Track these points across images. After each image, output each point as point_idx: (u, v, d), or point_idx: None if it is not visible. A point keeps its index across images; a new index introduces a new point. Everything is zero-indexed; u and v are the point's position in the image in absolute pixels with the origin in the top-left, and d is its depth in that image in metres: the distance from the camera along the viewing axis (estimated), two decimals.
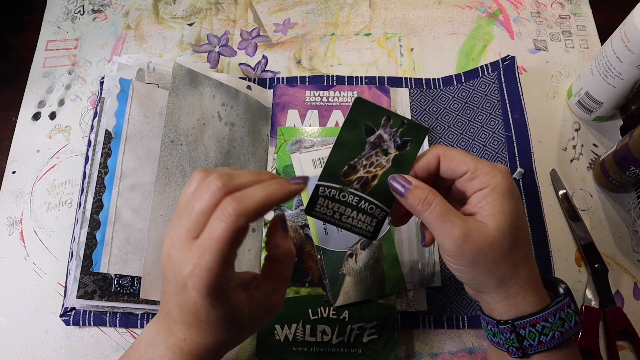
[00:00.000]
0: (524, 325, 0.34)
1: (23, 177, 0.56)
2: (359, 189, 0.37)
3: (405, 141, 0.35)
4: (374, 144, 0.35)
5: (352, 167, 0.36)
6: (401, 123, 0.35)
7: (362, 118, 0.35)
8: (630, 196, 0.54)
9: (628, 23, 0.47)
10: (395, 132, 0.35)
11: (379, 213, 0.37)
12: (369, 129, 0.35)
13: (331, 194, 0.37)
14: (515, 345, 0.35)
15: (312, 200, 0.37)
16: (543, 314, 0.34)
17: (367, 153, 0.36)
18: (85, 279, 0.45)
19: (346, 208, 0.37)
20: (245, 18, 0.65)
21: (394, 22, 0.64)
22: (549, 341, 0.34)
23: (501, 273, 0.34)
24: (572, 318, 0.35)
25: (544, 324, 0.34)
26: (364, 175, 0.36)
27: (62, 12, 0.66)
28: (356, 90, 0.57)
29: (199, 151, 0.50)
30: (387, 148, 0.36)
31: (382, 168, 0.36)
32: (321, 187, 0.36)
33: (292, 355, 0.47)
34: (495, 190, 0.34)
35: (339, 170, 0.36)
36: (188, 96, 0.51)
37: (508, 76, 0.56)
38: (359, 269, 0.48)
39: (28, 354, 0.49)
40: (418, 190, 0.34)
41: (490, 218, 0.33)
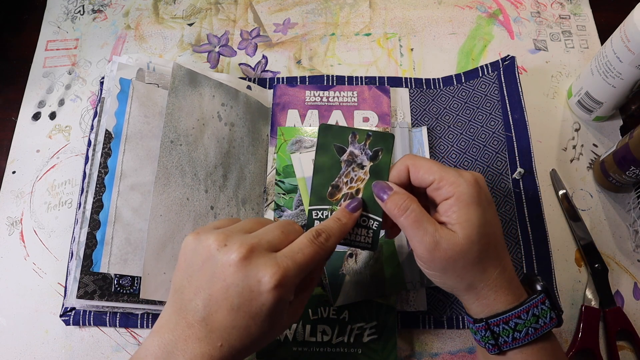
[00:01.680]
0: (496, 322, 0.36)
1: (23, 177, 0.56)
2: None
3: (376, 151, 0.38)
4: (348, 161, 0.38)
5: (335, 186, 0.39)
6: (367, 136, 0.38)
7: (331, 141, 0.38)
8: (630, 196, 0.54)
9: (628, 23, 0.47)
10: (364, 146, 0.38)
11: (373, 223, 0.39)
12: (339, 149, 0.38)
13: (324, 215, 0.39)
14: (491, 342, 0.36)
15: (309, 225, 0.39)
16: (515, 311, 0.35)
17: (344, 171, 0.38)
18: (85, 279, 0.45)
19: None
20: (245, 18, 0.65)
21: (394, 22, 0.64)
22: (522, 337, 0.35)
23: (470, 278, 0.36)
24: (547, 314, 0.35)
25: (516, 320, 0.35)
26: (348, 192, 0.38)
27: (62, 12, 0.66)
28: (356, 90, 0.57)
29: (199, 151, 0.50)
30: (361, 162, 0.38)
31: (362, 181, 0.38)
32: (313, 211, 0.39)
33: (292, 355, 0.47)
34: (460, 199, 0.35)
35: (324, 192, 0.39)
36: (188, 96, 0.51)
37: (508, 76, 0.56)
38: (359, 269, 0.48)
39: (28, 354, 0.49)
40: (397, 196, 0.36)
41: (458, 227, 0.35)
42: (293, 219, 0.51)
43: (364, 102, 0.56)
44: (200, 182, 0.50)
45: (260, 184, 0.54)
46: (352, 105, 0.56)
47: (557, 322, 0.36)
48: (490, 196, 0.37)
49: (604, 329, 0.48)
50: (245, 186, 0.52)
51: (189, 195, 0.49)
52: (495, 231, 0.36)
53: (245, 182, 0.53)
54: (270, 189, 0.53)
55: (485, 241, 0.35)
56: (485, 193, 0.36)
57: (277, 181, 0.52)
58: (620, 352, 0.47)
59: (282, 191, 0.52)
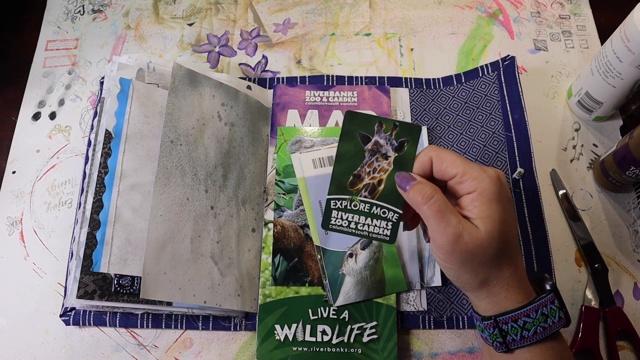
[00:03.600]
0: (505, 320, 0.36)
1: (23, 177, 0.56)
2: (368, 195, 0.38)
3: (402, 142, 0.37)
4: (372, 150, 0.37)
5: (357, 176, 0.37)
6: (393, 126, 0.36)
7: (356, 129, 0.37)
8: (630, 196, 0.54)
9: (628, 23, 0.47)
10: (390, 136, 0.37)
11: (392, 215, 0.38)
12: (364, 137, 0.37)
13: (343, 205, 0.38)
14: (499, 340, 0.36)
15: (327, 214, 0.38)
16: (524, 309, 0.35)
17: (368, 160, 0.37)
18: (85, 279, 0.45)
19: (360, 216, 0.38)
20: (245, 18, 0.65)
21: (394, 22, 0.64)
22: (531, 336, 0.35)
23: (485, 275, 0.36)
24: (556, 314, 0.35)
25: (525, 319, 0.35)
26: (370, 182, 0.37)
27: (62, 12, 0.66)
28: (356, 90, 0.57)
29: (199, 151, 0.50)
30: (385, 152, 0.37)
31: (385, 172, 0.37)
32: (332, 200, 0.38)
33: (292, 355, 0.47)
34: (483, 194, 0.35)
35: (345, 181, 0.38)
36: (188, 96, 0.51)
37: (508, 76, 0.56)
38: (359, 269, 0.48)
39: (28, 354, 0.49)
40: (420, 185, 0.36)
41: (479, 222, 0.35)
42: (293, 219, 0.51)
43: (364, 102, 0.56)
44: (200, 182, 0.50)
45: (260, 184, 0.54)
46: (352, 105, 0.56)
47: (565, 321, 0.36)
48: (510, 195, 0.37)
49: (604, 329, 0.48)
50: (245, 186, 0.52)
51: (189, 195, 0.49)
52: (512, 230, 0.36)
53: (245, 182, 0.53)
54: (270, 189, 0.53)
55: (504, 239, 0.35)
56: (506, 191, 0.36)
57: (277, 181, 0.52)
58: (620, 352, 0.47)
59: (282, 191, 0.52)
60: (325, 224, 0.39)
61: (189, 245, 0.47)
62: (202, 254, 0.47)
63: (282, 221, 0.51)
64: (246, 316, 0.49)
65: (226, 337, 0.49)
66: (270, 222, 0.51)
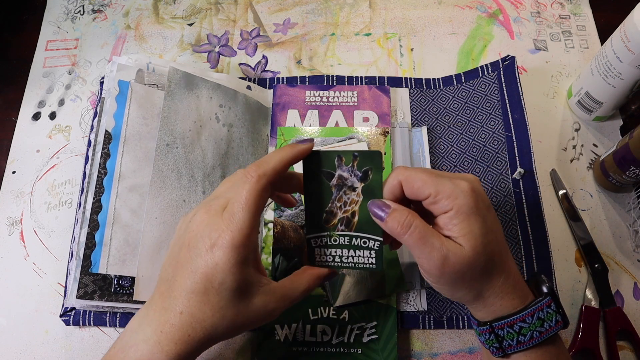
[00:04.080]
0: (501, 326, 0.36)
1: (23, 177, 0.56)
2: (345, 229, 0.38)
3: (365, 171, 0.36)
4: (338, 185, 0.37)
5: (330, 212, 0.38)
6: (353, 157, 0.36)
7: (317, 167, 0.37)
8: (630, 196, 0.54)
9: (628, 23, 0.47)
10: (352, 167, 0.36)
11: (374, 244, 0.38)
12: (327, 174, 0.37)
13: (323, 241, 0.38)
14: (495, 345, 0.36)
15: (310, 253, 0.39)
16: (520, 315, 0.35)
17: (336, 195, 0.37)
18: (85, 279, 0.45)
19: (342, 250, 0.39)
20: (245, 18, 0.65)
21: (394, 22, 0.64)
22: (527, 341, 0.35)
23: (478, 288, 0.35)
24: (553, 317, 0.35)
25: (521, 324, 0.35)
26: (343, 216, 0.38)
27: (62, 12, 0.66)
28: (356, 90, 0.57)
29: (196, 153, 0.50)
30: (352, 184, 0.37)
31: (356, 203, 0.37)
32: (312, 239, 0.39)
33: (292, 355, 0.47)
34: (460, 212, 0.34)
35: (319, 219, 0.38)
36: (184, 99, 0.51)
37: (508, 76, 0.56)
38: None
39: (28, 354, 0.49)
40: (396, 213, 0.35)
41: (462, 240, 0.34)
42: (293, 219, 0.51)
43: (364, 102, 0.56)
44: (198, 183, 0.50)
45: None
46: (352, 105, 0.56)
47: (562, 325, 0.35)
48: (487, 200, 0.36)
49: (604, 329, 0.48)
50: None
51: (185, 197, 0.49)
52: (497, 237, 0.36)
53: None
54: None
55: (490, 249, 0.35)
56: (483, 199, 0.36)
57: None
58: (620, 352, 0.47)
59: None
60: (311, 261, 0.39)
61: None
62: None
63: (282, 221, 0.51)
64: None
65: None
66: (270, 222, 0.51)
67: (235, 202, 0.34)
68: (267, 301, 0.35)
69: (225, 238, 0.33)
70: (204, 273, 0.33)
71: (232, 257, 0.32)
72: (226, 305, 0.33)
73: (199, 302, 0.33)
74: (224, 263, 0.32)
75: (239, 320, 0.34)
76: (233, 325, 0.34)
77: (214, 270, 0.33)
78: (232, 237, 0.33)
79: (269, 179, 0.34)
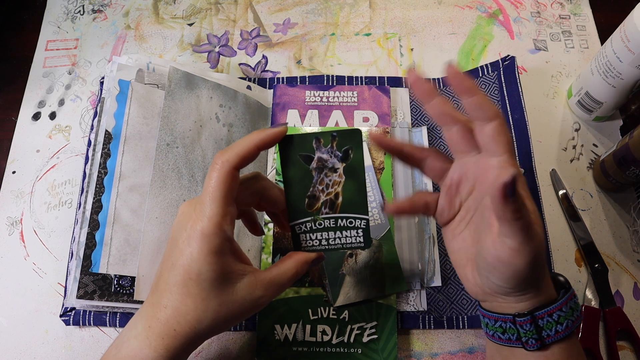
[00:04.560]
0: (542, 315, 0.34)
1: (23, 177, 0.56)
2: (329, 211, 0.37)
3: (346, 150, 0.35)
4: (318, 167, 0.36)
5: (312, 196, 0.36)
6: (332, 137, 0.35)
7: (295, 151, 0.35)
8: (630, 196, 0.54)
9: (628, 23, 0.47)
10: (332, 148, 0.35)
11: (360, 222, 0.37)
12: (306, 157, 0.35)
13: (308, 227, 0.37)
14: (534, 337, 0.34)
15: (295, 240, 0.38)
16: (558, 303, 0.34)
17: (317, 179, 0.36)
18: (85, 279, 0.45)
19: (328, 232, 0.38)
20: (245, 18, 0.65)
21: (394, 22, 0.64)
22: (563, 330, 0.34)
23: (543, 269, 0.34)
24: (578, 307, 0.35)
25: (559, 313, 0.34)
26: (327, 199, 0.37)
27: (62, 12, 0.66)
28: (356, 90, 0.57)
29: (196, 153, 0.50)
30: (332, 165, 0.36)
31: (339, 184, 0.36)
32: (296, 226, 0.37)
33: (292, 355, 0.47)
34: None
35: (302, 205, 0.37)
36: (184, 99, 0.51)
37: (508, 76, 0.56)
38: (359, 269, 0.48)
39: (28, 354, 0.49)
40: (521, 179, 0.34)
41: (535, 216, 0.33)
42: None
43: (364, 102, 0.56)
44: (198, 183, 0.50)
45: None
46: (352, 105, 0.56)
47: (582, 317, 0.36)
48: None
49: (604, 329, 0.48)
50: None
51: (185, 197, 0.49)
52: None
53: None
54: None
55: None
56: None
57: (277, 181, 0.52)
58: (620, 352, 0.47)
59: None
60: (296, 248, 0.38)
61: None
62: None
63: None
64: None
65: (226, 337, 0.49)
66: (270, 222, 0.51)
67: (204, 191, 0.33)
68: (253, 289, 0.34)
69: (196, 228, 0.32)
70: (181, 265, 0.33)
71: (204, 246, 0.32)
72: (208, 296, 0.33)
73: (181, 294, 0.33)
74: (197, 253, 0.32)
75: (223, 311, 0.34)
76: (218, 317, 0.34)
77: (189, 261, 0.32)
78: (202, 227, 0.32)
79: (232, 164, 0.33)
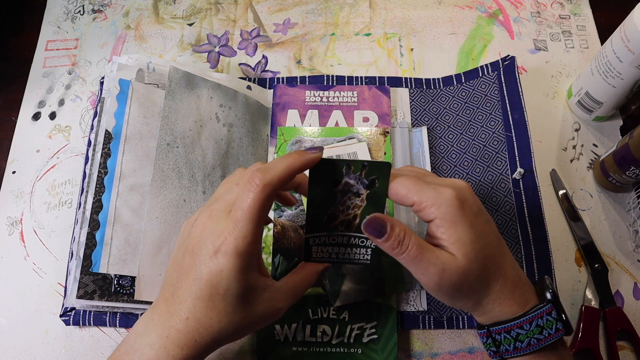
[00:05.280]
0: (498, 331, 0.35)
1: (23, 177, 0.56)
2: (345, 230, 0.38)
3: (372, 180, 0.36)
4: (343, 190, 0.37)
5: (332, 215, 0.38)
6: (362, 166, 0.36)
7: (325, 175, 0.36)
8: (630, 196, 0.54)
9: (628, 23, 0.47)
10: (360, 175, 0.36)
11: (371, 243, 0.39)
12: (333, 181, 0.37)
13: (322, 240, 0.39)
14: (492, 349, 0.36)
15: (307, 250, 0.39)
16: (517, 321, 0.35)
17: (340, 200, 0.37)
18: (85, 279, 0.45)
19: (339, 247, 0.39)
20: (245, 18, 0.65)
21: (394, 22, 0.64)
22: (524, 347, 0.35)
23: (476, 296, 0.35)
24: (553, 325, 0.34)
25: (518, 330, 0.35)
26: (345, 218, 0.38)
27: (62, 12, 0.66)
28: (356, 90, 0.57)
29: (196, 153, 0.50)
30: (357, 191, 0.37)
31: (359, 208, 0.37)
32: (310, 238, 0.39)
33: (292, 355, 0.47)
34: (445, 220, 0.34)
35: (321, 220, 0.38)
36: (184, 99, 0.51)
37: (508, 76, 0.56)
38: (359, 269, 0.48)
39: (28, 354, 0.49)
40: (393, 232, 0.34)
41: (453, 248, 0.34)
42: (293, 219, 0.51)
43: (364, 102, 0.56)
44: (198, 183, 0.50)
45: None
46: (352, 105, 0.56)
47: (563, 332, 0.35)
48: (477, 204, 0.36)
49: (604, 329, 0.48)
50: None
51: (185, 197, 0.49)
52: (488, 242, 0.35)
53: None
54: None
55: (482, 255, 0.34)
56: (471, 205, 0.35)
57: None
58: (620, 352, 0.47)
59: None
60: (307, 258, 0.40)
61: None
62: None
63: (282, 221, 0.51)
64: None
65: None
66: (270, 222, 0.51)
67: (239, 209, 0.33)
68: (274, 301, 0.36)
69: (228, 245, 0.32)
70: (208, 280, 0.33)
71: (236, 264, 0.32)
72: (233, 310, 0.34)
73: (205, 308, 0.33)
74: (228, 270, 0.32)
75: (245, 322, 0.35)
76: (240, 328, 0.35)
77: (218, 277, 0.33)
78: (235, 245, 0.32)
79: (274, 188, 0.33)
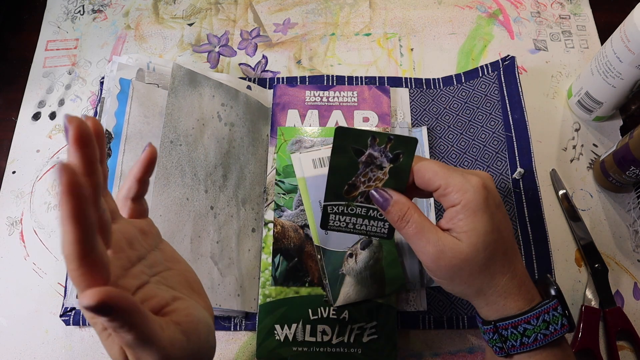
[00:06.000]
0: (505, 326, 0.35)
1: (23, 177, 0.56)
2: (364, 201, 0.38)
3: (397, 154, 0.36)
4: (366, 162, 0.37)
5: (352, 185, 0.37)
6: (388, 139, 0.36)
7: (349, 143, 0.36)
8: (630, 196, 0.54)
9: (628, 23, 0.47)
10: (385, 148, 0.36)
11: None
12: (357, 151, 0.36)
13: (340, 209, 0.39)
14: (498, 345, 0.36)
15: (324, 217, 0.39)
16: (525, 316, 0.35)
17: (362, 171, 0.37)
18: None
19: (357, 218, 0.39)
20: (245, 18, 0.65)
21: (394, 22, 0.64)
22: (531, 343, 0.35)
23: (478, 285, 0.35)
24: (559, 320, 0.35)
25: (525, 326, 0.35)
26: (365, 190, 0.37)
27: (62, 12, 0.66)
28: (356, 90, 0.57)
29: (199, 151, 0.50)
30: (380, 163, 0.37)
31: (380, 181, 0.37)
32: (329, 206, 0.38)
33: (292, 355, 0.47)
34: (467, 207, 0.34)
35: (340, 190, 0.38)
36: (187, 97, 0.51)
37: (508, 76, 0.56)
38: (359, 269, 0.48)
39: (28, 354, 0.49)
40: (397, 205, 0.36)
41: (463, 235, 0.34)
42: (293, 219, 0.51)
43: (364, 102, 0.56)
44: (200, 182, 0.50)
45: (260, 184, 0.54)
46: (352, 105, 0.56)
47: (568, 328, 0.35)
48: (498, 198, 0.36)
49: (604, 329, 0.48)
50: (245, 186, 0.52)
51: (188, 196, 0.49)
52: (504, 236, 0.35)
53: (245, 182, 0.53)
54: (270, 189, 0.53)
55: (493, 248, 0.34)
56: (494, 196, 0.35)
57: (277, 181, 0.52)
58: (620, 352, 0.47)
59: (282, 191, 0.52)
60: (324, 225, 0.39)
61: (188, 246, 0.47)
62: (201, 254, 0.47)
63: (282, 221, 0.51)
64: (246, 316, 0.49)
65: (226, 337, 0.49)
66: (270, 222, 0.51)
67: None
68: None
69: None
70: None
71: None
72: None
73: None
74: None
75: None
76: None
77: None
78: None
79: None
